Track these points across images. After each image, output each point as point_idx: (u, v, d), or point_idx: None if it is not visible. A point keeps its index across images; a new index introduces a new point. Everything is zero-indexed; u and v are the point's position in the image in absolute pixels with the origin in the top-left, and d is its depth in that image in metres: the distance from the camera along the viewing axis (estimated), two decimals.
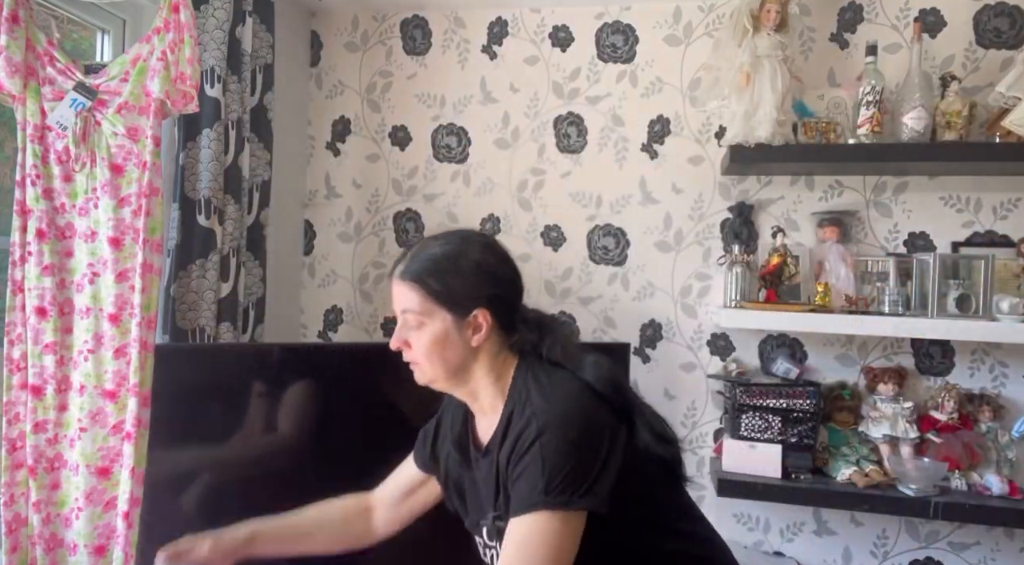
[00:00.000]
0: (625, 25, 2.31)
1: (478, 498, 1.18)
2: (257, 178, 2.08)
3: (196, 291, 1.85)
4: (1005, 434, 1.97)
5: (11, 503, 1.48)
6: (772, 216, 2.20)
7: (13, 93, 1.48)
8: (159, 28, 1.54)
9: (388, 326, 2.48)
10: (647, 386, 2.26)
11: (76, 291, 1.53)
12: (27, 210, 1.49)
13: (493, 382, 1.15)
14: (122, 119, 1.52)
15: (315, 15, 2.53)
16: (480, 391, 1.16)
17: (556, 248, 2.36)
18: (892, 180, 2.13)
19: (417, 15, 2.46)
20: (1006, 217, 2.06)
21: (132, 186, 1.53)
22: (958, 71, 2.04)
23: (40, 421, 1.50)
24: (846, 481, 1.95)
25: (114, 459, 1.52)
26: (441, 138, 2.45)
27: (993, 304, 1.87)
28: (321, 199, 2.54)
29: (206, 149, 1.84)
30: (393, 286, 1.15)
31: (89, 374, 1.51)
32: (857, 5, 2.15)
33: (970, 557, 2.09)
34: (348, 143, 2.52)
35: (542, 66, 2.38)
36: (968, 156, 1.92)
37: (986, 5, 2.07)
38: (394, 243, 2.48)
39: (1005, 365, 2.05)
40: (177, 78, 1.54)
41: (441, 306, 1.11)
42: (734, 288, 2.06)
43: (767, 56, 1.94)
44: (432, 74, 2.45)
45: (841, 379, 2.14)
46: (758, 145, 1.93)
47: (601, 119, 2.33)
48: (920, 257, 1.98)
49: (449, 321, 1.11)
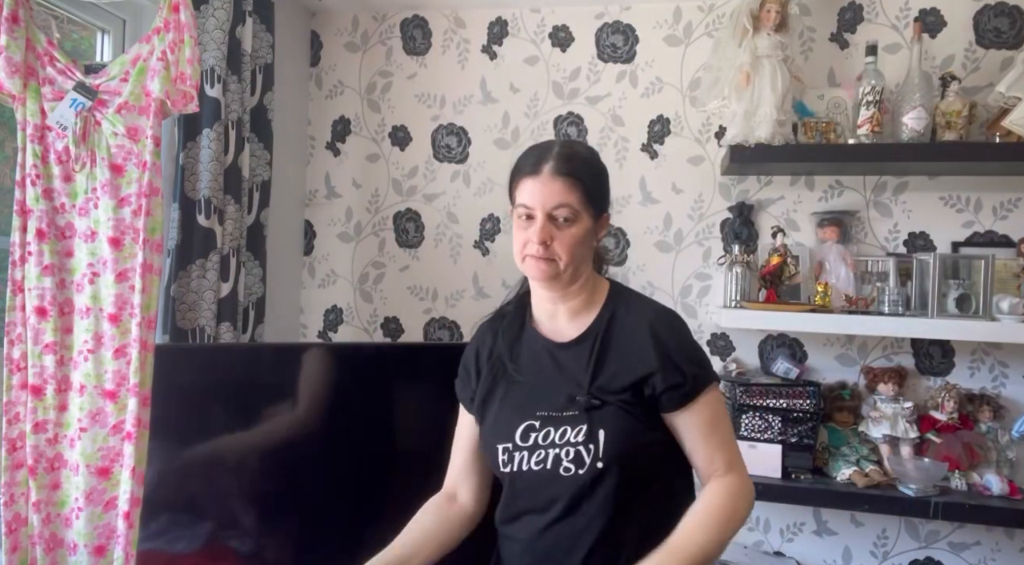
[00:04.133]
0: (625, 25, 2.31)
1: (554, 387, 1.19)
2: (257, 178, 2.08)
3: (196, 291, 1.85)
4: (1005, 434, 1.97)
5: (11, 503, 1.48)
6: (772, 216, 2.20)
7: (13, 93, 1.48)
8: (159, 28, 1.54)
9: (388, 326, 2.48)
10: None
11: (76, 291, 1.53)
12: (27, 210, 1.49)
13: (592, 280, 1.24)
14: (122, 119, 1.52)
15: (315, 15, 2.53)
16: (582, 288, 1.22)
17: None
18: (892, 180, 2.13)
19: (417, 15, 2.46)
20: (1006, 217, 2.06)
21: (132, 186, 1.53)
22: (958, 71, 2.04)
23: (40, 421, 1.50)
24: (846, 481, 1.95)
25: (114, 459, 1.52)
26: (441, 138, 2.45)
27: (993, 304, 1.87)
28: (321, 199, 2.54)
29: (206, 149, 1.84)
30: (544, 182, 1.15)
31: (89, 374, 1.51)
32: (857, 5, 2.15)
33: (970, 557, 2.09)
34: (348, 143, 2.52)
35: (542, 66, 2.38)
36: (968, 156, 1.92)
37: (986, 5, 2.07)
38: (394, 243, 2.48)
39: (1005, 365, 2.05)
40: (177, 78, 1.54)
41: (590, 205, 1.18)
42: (734, 288, 2.06)
43: (767, 56, 1.94)
44: (432, 74, 2.45)
45: (841, 379, 2.14)
46: (758, 145, 1.93)
47: (601, 119, 2.33)
48: (920, 257, 1.98)
49: (590, 220, 1.18)
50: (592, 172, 1.20)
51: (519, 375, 1.22)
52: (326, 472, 1.77)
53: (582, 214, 1.16)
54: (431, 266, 2.46)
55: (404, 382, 1.88)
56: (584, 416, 1.13)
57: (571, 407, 1.15)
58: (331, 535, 1.76)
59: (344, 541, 1.74)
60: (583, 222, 1.17)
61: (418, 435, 1.84)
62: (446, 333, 2.44)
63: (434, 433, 1.82)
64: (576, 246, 1.16)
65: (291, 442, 1.78)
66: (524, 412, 1.18)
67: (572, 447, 1.13)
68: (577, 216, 1.16)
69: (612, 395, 1.14)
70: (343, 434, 1.79)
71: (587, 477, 1.12)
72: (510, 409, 1.21)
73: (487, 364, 1.28)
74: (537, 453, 1.16)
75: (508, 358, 1.25)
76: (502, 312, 1.33)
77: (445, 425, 1.36)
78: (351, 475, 1.78)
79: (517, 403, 1.20)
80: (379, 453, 1.84)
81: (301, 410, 1.80)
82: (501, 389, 1.24)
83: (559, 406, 1.16)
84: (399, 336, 2.48)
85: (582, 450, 1.12)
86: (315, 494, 1.77)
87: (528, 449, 1.17)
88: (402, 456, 1.86)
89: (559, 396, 1.17)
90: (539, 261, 1.16)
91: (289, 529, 1.76)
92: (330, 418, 1.80)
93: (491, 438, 1.22)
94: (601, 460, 1.11)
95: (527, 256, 1.18)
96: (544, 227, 1.15)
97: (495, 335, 1.29)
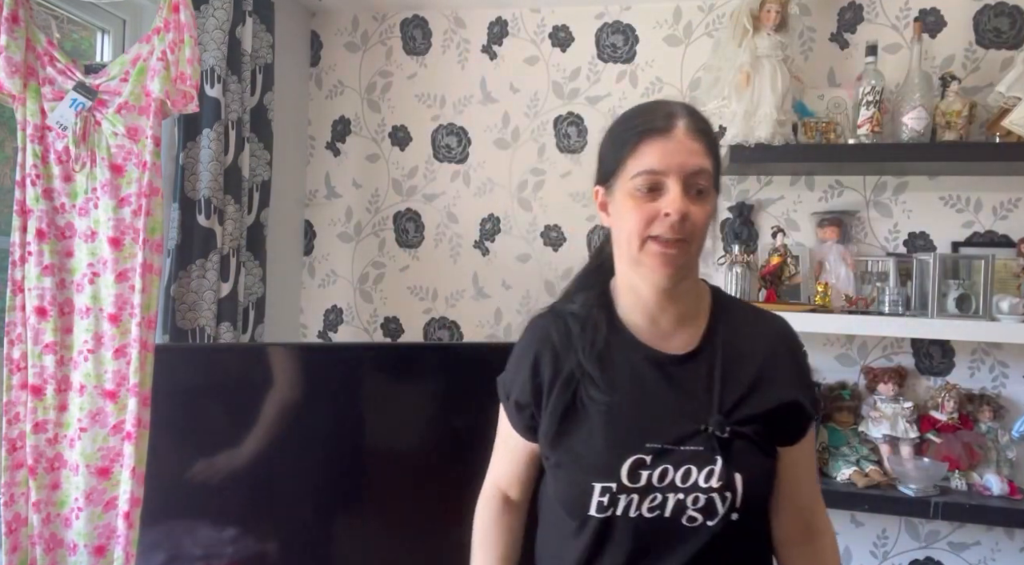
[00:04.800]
0: (625, 25, 2.31)
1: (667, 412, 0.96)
2: (257, 178, 2.08)
3: (196, 291, 1.85)
4: (1005, 434, 1.97)
5: (11, 503, 1.48)
6: (772, 216, 2.20)
7: (13, 93, 1.48)
8: (159, 28, 1.54)
9: (388, 326, 2.48)
10: None
11: (76, 291, 1.53)
12: (27, 210, 1.49)
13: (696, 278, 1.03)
14: (122, 119, 1.52)
15: (315, 15, 2.53)
16: (693, 286, 1.02)
17: (556, 248, 2.36)
18: (892, 180, 2.13)
19: (417, 15, 2.46)
20: (1006, 217, 2.06)
21: (132, 186, 1.53)
22: (958, 71, 2.04)
23: (40, 421, 1.50)
24: (846, 481, 1.95)
25: (114, 459, 1.52)
26: (441, 138, 2.45)
27: (993, 304, 1.87)
28: (321, 199, 2.54)
29: (206, 149, 1.84)
30: (681, 140, 0.92)
31: (89, 374, 1.51)
32: (857, 5, 2.15)
33: (970, 557, 2.08)
34: (348, 143, 2.52)
35: (542, 66, 2.38)
36: (968, 156, 1.92)
37: (986, 5, 2.07)
38: (394, 243, 2.48)
39: (1005, 365, 2.05)
40: (177, 78, 1.54)
41: (716, 179, 0.96)
42: (734, 288, 2.06)
43: (767, 56, 1.93)
44: (432, 74, 2.45)
45: (841, 379, 2.14)
46: (758, 145, 1.93)
47: (601, 119, 2.33)
48: (920, 257, 1.98)
49: (715, 199, 0.96)
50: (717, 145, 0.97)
51: (615, 394, 0.97)
52: (326, 472, 1.77)
53: (711, 190, 0.94)
54: (431, 266, 2.46)
55: (404, 382, 1.88)
56: (714, 452, 0.92)
57: (694, 439, 0.93)
58: (327, 536, 1.76)
59: (345, 541, 1.75)
60: (712, 200, 0.94)
61: (418, 435, 1.84)
62: (446, 333, 2.44)
63: (434, 433, 1.83)
64: (705, 229, 0.93)
65: (291, 442, 1.78)
66: (628, 443, 0.94)
67: (702, 493, 0.91)
68: (709, 191, 0.93)
69: (745, 425, 0.94)
70: (343, 434, 1.79)
71: (717, 528, 0.92)
72: (607, 438, 0.96)
73: (559, 378, 1.01)
74: (651, 497, 0.92)
75: (596, 370, 0.98)
76: (568, 310, 1.06)
77: (445, 425, 1.36)
78: (352, 475, 1.78)
79: (617, 431, 0.96)
80: (379, 452, 1.84)
81: (300, 410, 1.80)
82: (588, 412, 0.98)
83: (677, 437, 0.94)
84: (399, 336, 2.48)
85: (715, 498, 0.91)
86: (315, 493, 1.77)
87: (639, 491, 0.93)
88: (402, 456, 1.86)
89: (677, 424, 0.94)
90: (670, 245, 0.91)
91: (282, 532, 1.76)
92: (330, 418, 1.80)
93: (580, 474, 0.96)
94: (738, 511, 0.92)
95: (652, 238, 0.92)
96: (680, 197, 0.90)
97: (565, 338, 1.03)
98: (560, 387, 1.00)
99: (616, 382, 0.98)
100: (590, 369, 0.98)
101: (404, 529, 1.74)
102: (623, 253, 0.97)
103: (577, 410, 0.99)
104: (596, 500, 0.93)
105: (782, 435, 0.98)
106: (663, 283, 0.95)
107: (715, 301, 1.03)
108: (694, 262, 0.97)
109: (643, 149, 0.93)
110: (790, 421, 0.97)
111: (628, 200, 0.94)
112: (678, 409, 0.95)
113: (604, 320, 1.02)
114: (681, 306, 1.00)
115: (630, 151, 0.94)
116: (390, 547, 1.41)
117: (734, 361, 0.97)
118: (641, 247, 0.93)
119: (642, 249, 0.93)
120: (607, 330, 1.01)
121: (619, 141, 0.97)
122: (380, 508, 1.74)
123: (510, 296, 2.38)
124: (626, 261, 0.98)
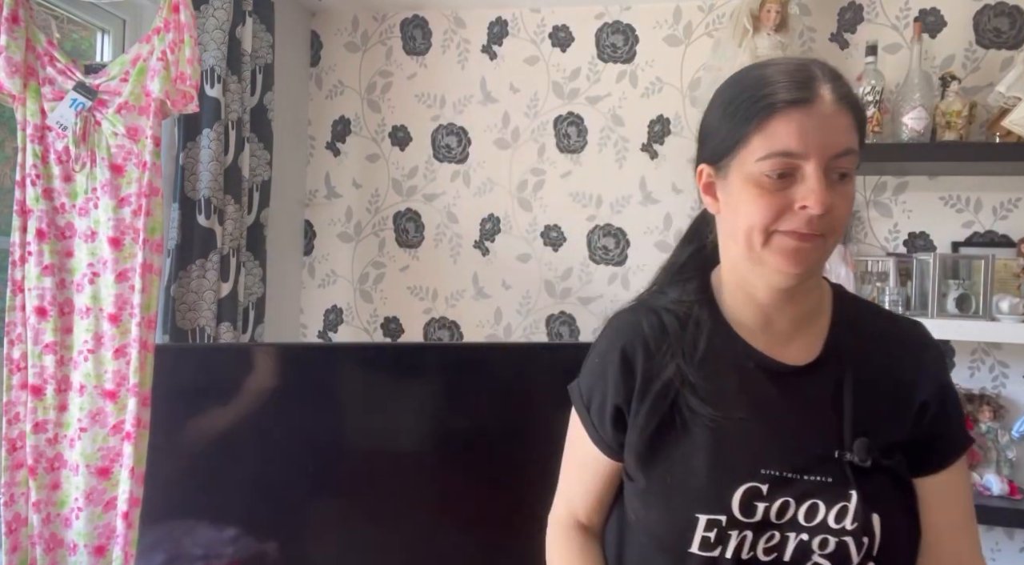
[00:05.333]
0: (625, 25, 2.31)
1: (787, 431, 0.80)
2: (257, 178, 2.08)
3: (196, 291, 1.85)
4: (1005, 434, 1.97)
5: (11, 503, 1.48)
6: None
7: (13, 93, 1.48)
8: (159, 28, 1.54)
9: (388, 326, 2.48)
10: None
11: (76, 291, 1.53)
12: (27, 210, 1.49)
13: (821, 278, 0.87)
14: (122, 119, 1.52)
15: (315, 15, 2.53)
16: (816, 284, 0.86)
17: (556, 248, 2.36)
18: (892, 180, 2.13)
19: (417, 15, 2.46)
20: (1006, 217, 2.06)
21: (132, 186, 1.53)
22: (958, 71, 2.04)
23: (40, 421, 1.50)
24: None
25: (114, 459, 1.52)
26: (441, 138, 2.45)
27: (993, 304, 1.87)
28: (321, 199, 2.54)
29: (206, 149, 1.84)
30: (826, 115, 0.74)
31: (89, 374, 1.51)
32: (857, 5, 2.15)
33: None
34: (348, 143, 2.52)
35: (542, 66, 2.38)
36: (968, 156, 1.91)
37: (986, 5, 2.07)
38: (394, 243, 2.48)
39: (1005, 365, 2.05)
40: (177, 78, 1.54)
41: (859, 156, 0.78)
42: None
43: (767, 56, 1.94)
44: (432, 74, 2.45)
45: None
46: None
47: (601, 119, 2.33)
48: (920, 257, 1.98)
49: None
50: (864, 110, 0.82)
51: (722, 407, 0.81)
52: (325, 472, 1.77)
53: (854, 173, 0.77)
54: (431, 266, 2.46)
55: (404, 382, 1.88)
56: (848, 486, 0.76)
57: (822, 468, 0.77)
58: (327, 536, 1.76)
59: (345, 541, 1.75)
60: (854, 180, 0.77)
61: (418, 435, 1.84)
62: (446, 333, 2.44)
63: (434, 433, 1.83)
64: (847, 220, 0.77)
65: (291, 442, 1.78)
66: (740, 468, 0.78)
67: (832, 535, 0.76)
68: (852, 175, 0.77)
69: (884, 454, 0.78)
70: (343, 434, 1.79)
71: None
72: (714, 461, 0.80)
73: (654, 384, 0.84)
74: (768, 535, 0.77)
75: (700, 378, 0.82)
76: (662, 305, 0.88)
77: (445, 425, 1.36)
78: (352, 475, 1.78)
79: (725, 453, 0.80)
80: (379, 452, 1.84)
81: (300, 410, 1.80)
82: (689, 427, 0.82)
83: (801, 464, 0.78)
84: (399, 336, 2.48)
85: (849, 542, 0.75)
86: (314, 493, 1.77)
87: (754, 528, 0.77)
88: (402, 456, 1.86)
89: (800, 448, 0.79)
90: (805, 238, 0.74)
91: (282, 532, 1.76)
92: (330, 418, 1.80)
93: (679, 502, 0.80)
94: (875, 560, 0.76)
95: (783, 233, 0.75)
96: (822, 185, 0.73)
97: (660, 337, 0.85)
98: (655, 395, 0.84)
99: (724, 393, 0.81)
100: (692, 376, 0.82)
101: (404, 529, 1.74)
102: (738, 247, 0.79)
103: (675, 424, 0.83)
104: (700, 535, 0.77)
105: (926, 464, 0.82)
106: (787, 283, 0.78)
107: (837, 301, 0.87)
108: (826, 259, 0.81)
109: (775, 124, 0.74)
110: (935, 451, 0.81)
111: (751, 187, 0.76)
112: (800, 430, 0.79)
113: (708, 319, 0.85)
114: (801, 306, 0.83)
115: (756, 126, 0.75)
116: (390, 547, 1.41)
117: (868, 375, 0.81)
118: (765, 242, 0.76)
119: (766, 244, 0.76)
120: (711, 332, 0.84)
121: (740, 112, 0.77)
122: (380, 508, 1.74)
123: (510, 296, 2.38)
124: (742, 256, 0.80)
